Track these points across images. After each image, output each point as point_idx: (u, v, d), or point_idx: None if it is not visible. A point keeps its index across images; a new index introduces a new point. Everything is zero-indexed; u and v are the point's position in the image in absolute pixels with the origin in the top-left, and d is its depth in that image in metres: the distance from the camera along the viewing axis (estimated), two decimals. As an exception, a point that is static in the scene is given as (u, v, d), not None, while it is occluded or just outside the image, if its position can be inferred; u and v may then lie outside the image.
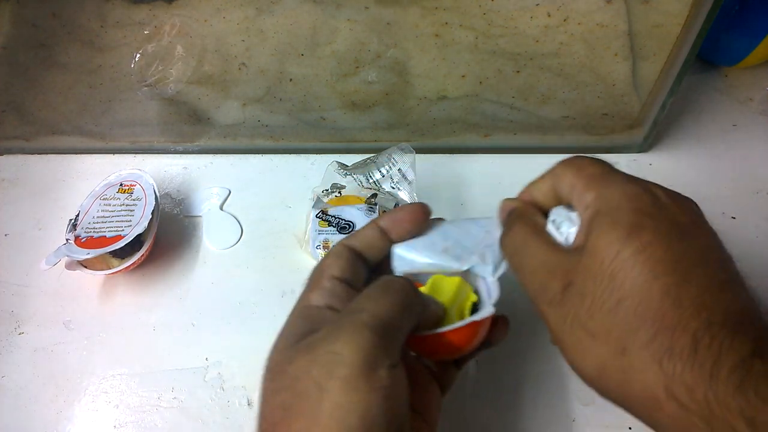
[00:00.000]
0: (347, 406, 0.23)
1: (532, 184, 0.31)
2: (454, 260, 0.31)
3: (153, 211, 0.45)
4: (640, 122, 0.49)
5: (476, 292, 0.33)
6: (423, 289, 0.32)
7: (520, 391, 0.40)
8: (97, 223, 0.45)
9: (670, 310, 0.22)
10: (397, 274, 0.32)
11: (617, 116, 0.49)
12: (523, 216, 0.30)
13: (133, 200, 0.46)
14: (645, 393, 0.22)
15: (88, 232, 0.44)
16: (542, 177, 0.30)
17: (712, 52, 0.56)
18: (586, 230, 0.25)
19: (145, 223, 0.44)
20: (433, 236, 0.32)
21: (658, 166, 0.51)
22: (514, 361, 0.41)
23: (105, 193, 0.47)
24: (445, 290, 0.32)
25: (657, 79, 0.45)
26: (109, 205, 0.46)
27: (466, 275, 0.32)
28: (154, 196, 0.46)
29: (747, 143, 0.52)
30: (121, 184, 0.47)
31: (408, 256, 0.32)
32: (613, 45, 0.44)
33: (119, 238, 0.43)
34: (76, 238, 0.44)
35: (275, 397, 0.25)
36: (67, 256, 0.42)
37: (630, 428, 0.38)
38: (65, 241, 0.43)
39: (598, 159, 0.29)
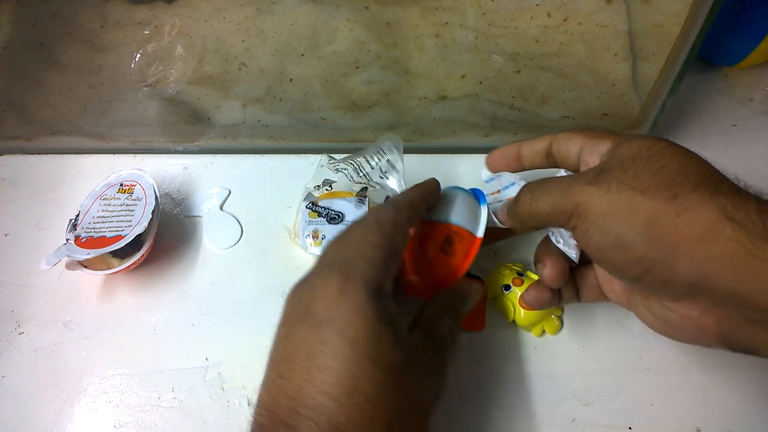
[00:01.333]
0: None
1: (525, 143, 0.37)
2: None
3: (153, 211, 0.45)
4: (640, 122, 0.49)
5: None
6: None
7: (519, 391, 0.40)
8: (98, 223, 0.45)
9: (707, 171, 0.27)
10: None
11: (617, 116, 0.49)
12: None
13: (134, 200, 0.46)
14: (702, 225, 0.25)
15: (88, 232, 0.44)
16: (537, 139, 0.36)
17: (712, 52, 0.56)
18: (611, 152, 0.30)
19: (146, 223, 0.44)
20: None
21: (658, 166, 0.51)
22: (514, 361, 0.41)
23: (105, 193, 0.47)
24: None
25: (657, 79, 0.45)
26: (110, 205, 0.46)
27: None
28: (154, 196, 0.46)
29: (747, 143, 0.52)
30: (121, 184, 0.47)
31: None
32: (612, 45, 0.44)
33: (119, 238, 0.43)
34: (77, 238, 0.44)
35: None
36: (68, 256, 0.42)
37: (630, 428, 0.38)
38: (65, 241, 0.44)
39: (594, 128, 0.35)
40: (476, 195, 0.40)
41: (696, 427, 0.38)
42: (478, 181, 0.51)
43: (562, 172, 0.34)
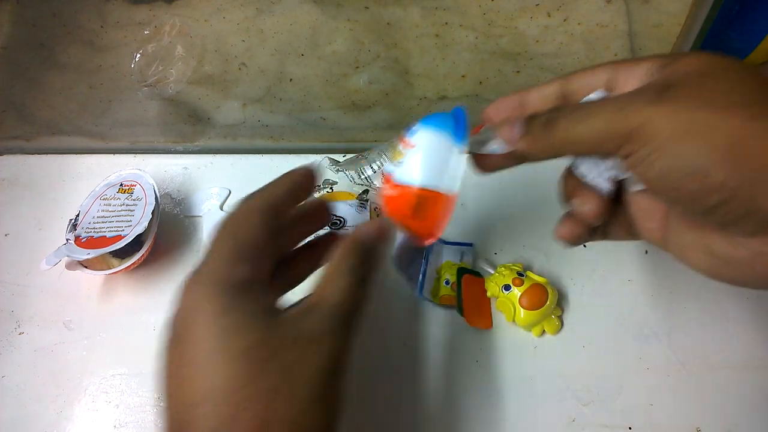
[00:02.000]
0: None
1: (529, 90, 0.31)
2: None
3: (153, 211, 0.45)
4: (640, 122, 0.49)
5: None
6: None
7: (519, 391, 0.40)
8: (98, 223, 0.45)
9: None
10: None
11: (617, 116, 0.49)
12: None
13: (134, 200, 0.46)
14: None
15: (88, 232, 0.44)
16: (543, 84, 0.30)
17: (712, 52, 0.56)
18: (662, 70, 0.26)
19: (146, 223, 0.44)
20: None
21: (658, 166, 0.51)
22: (514, 361, 0.41)
23: (105, 193, 0.47)
24: None
25: (657, 79, 0.45)
26: (110, 205, 0.46)
27: None
28: (154, 196, 0.46)
29: (747, 143, 0.52)
30: (121, 184, 0.47)
31: None
32: (612, 45, 0.44)
33: (119, 238, 0.43)
34: (77, 238, 0.44)
35: None
36: (68, 256, 0.42)
37: (630, 428, 0.38)
38: (65, 241, 0.44)
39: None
40: (455, 127, 0.33)
41: (696, 427, 0.38)
42: (477, 181, 0.51)
43: (599, 94, 0.29)
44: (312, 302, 0.28)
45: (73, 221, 0.45)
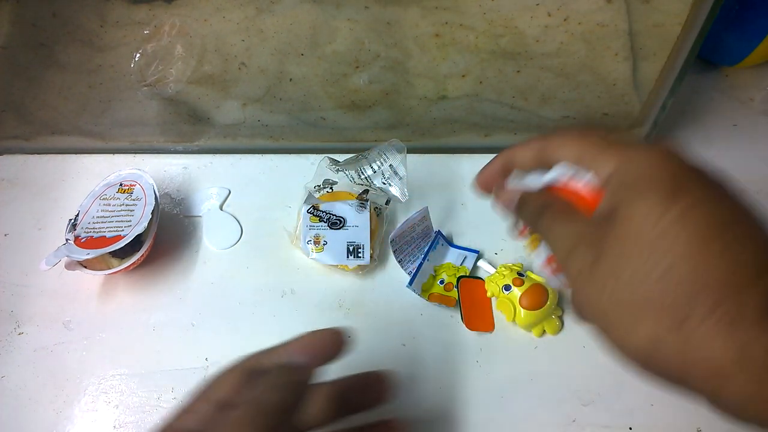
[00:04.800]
0: None
1: (513, 152, 0.29)
2: None
3: (153, 211, 0.45)
4: (641, 122, 0.49)
5: None
6: None
7: (520, 391, 0.40)
8: (97, 223, 0.45)
9: (732, 273, 0.20)
10: None
11: (618, 116, 0.49)
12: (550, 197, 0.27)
13: (133, 200, 0.46)
14: (710, 367, 0.20)
15: (87, 232, 0.44)
16: (526, 145, 0.29)
17: (713, 51, 0.56)
18: (612, 200, 0.23)
19: (145, 223, 0.44)
20: None
21: (659, 166, 0.51)
22: (514, 361, 0.41)
23: (105, 193, 0.47)
24: None
25: (657, 78, 0.45)
26: (109, 205, 0.46)
27: None
28: (153, 196, 0.46)
29: (747, 143, 0.52)
30: (120, 184, 0.47)
31: None
32: (613, 45, 0.44)
33: (119, 238, 0.43)
34: (76, 238, 0.44)
35: None
36: (67, 256, 0.42)
37: (630, 428, 0.38)
38: (65, 241, 0.43)
39: (594, 127, 0.29)
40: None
41: (696, 427, 0.38)
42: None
43: (561, 168, 0.28)
44: None
45: (72, 221, 0.45)
